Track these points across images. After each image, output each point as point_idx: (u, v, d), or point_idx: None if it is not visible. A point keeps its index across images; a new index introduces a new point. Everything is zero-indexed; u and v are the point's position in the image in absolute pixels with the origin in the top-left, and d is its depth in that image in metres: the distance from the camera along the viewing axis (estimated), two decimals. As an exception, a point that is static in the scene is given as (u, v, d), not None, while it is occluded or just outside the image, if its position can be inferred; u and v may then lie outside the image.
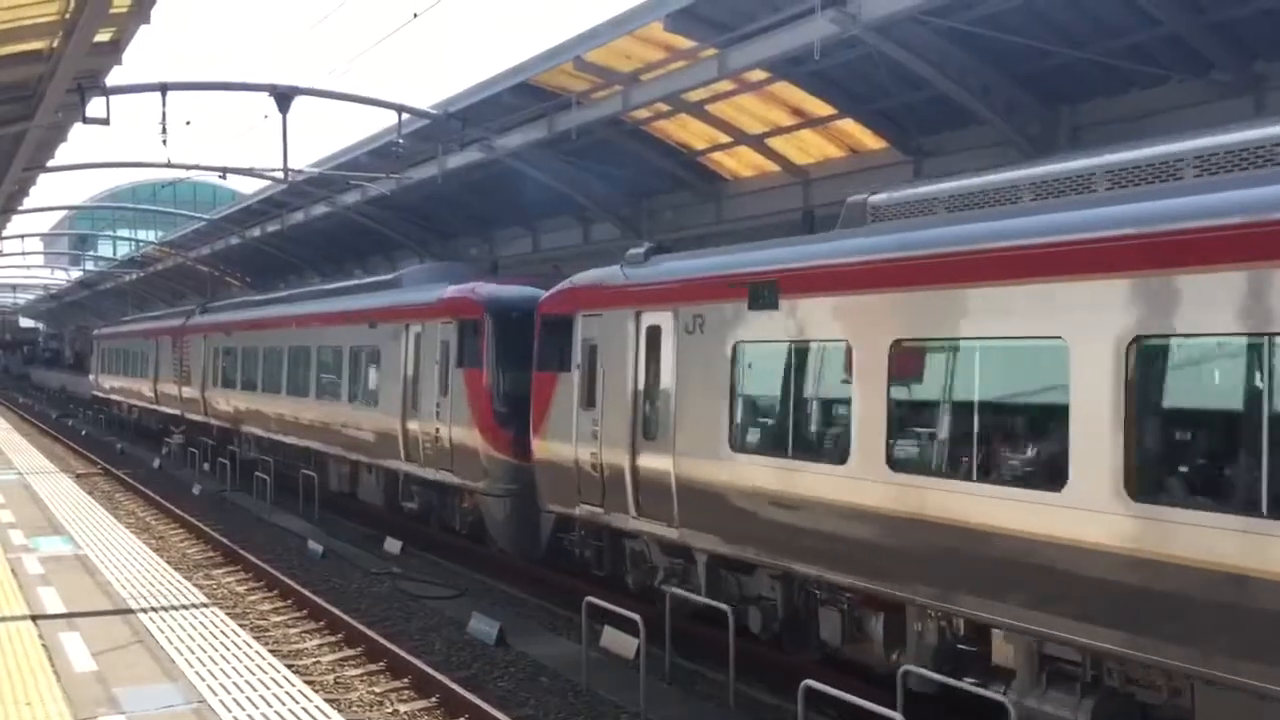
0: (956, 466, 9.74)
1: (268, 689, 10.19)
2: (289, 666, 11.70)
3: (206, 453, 32.14)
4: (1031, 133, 15.78)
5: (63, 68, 13.39)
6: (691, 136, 21.34)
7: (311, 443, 24.72)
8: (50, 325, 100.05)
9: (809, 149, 20.11)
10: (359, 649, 13.87)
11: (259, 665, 10.96)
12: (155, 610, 13.19)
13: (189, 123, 27.55)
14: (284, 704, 9.79)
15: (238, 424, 30.28)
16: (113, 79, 16.84)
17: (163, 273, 54.67)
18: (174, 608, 13.34)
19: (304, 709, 9.70)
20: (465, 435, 18.05)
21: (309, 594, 16.21)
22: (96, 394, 52.75)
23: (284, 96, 20.66)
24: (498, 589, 17.68)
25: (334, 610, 15.16)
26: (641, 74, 18.81)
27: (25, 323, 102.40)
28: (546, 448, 15.89)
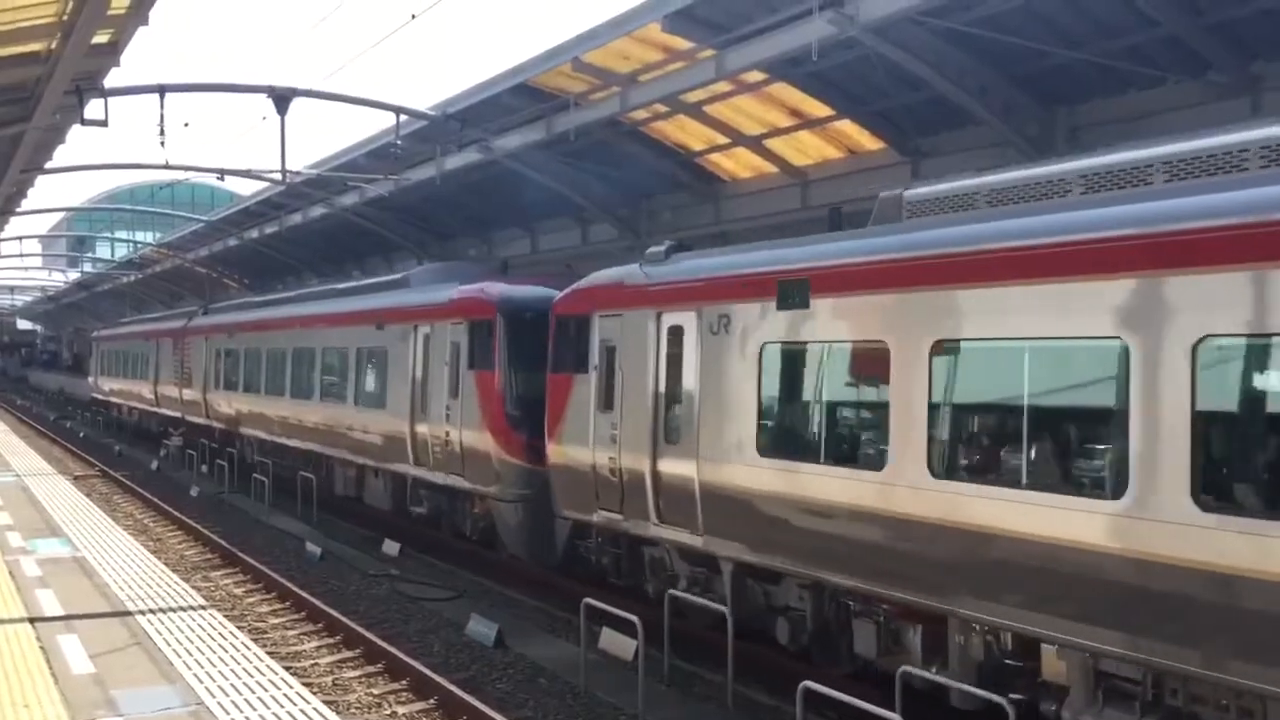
0: (1005, 473, 9.27)
1: (266, 691, 10.19)
2: (287, 668, 11.70)
3: (204, 455, 32.09)
4: (1029, 133, 15.79)
5: (61, 69, 13.40)
6: (690, 137, 21.35)
7: (316, 446, 24.37)
8: (48, 327, 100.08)
9: (807, 150, 20.11)
10: (357, 650, 13.86)
11: (257, 667, 10.96)
12: (153, 612, 13.18)
13: (187, 124, 27.73)
14: (282, 706, 9.78)
15: (240, 427, 29.97)
16: (111, 81, 16.87)
17: (161, 274, 54.67)
18: (172, 610, 13.33)
19: (302, 711, 9.69)
20: (476, 439, 17.61)
21: (307, 596, 16.20)
22: (96, 396, 52.48)
23: (282, 98, 20.67)
24: (496, 590, 17.67)
25: (332, 612, 15.16)
26: (640, 75, 18.81)
27: (23, 324, 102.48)
28: (562, 452, 15.40)
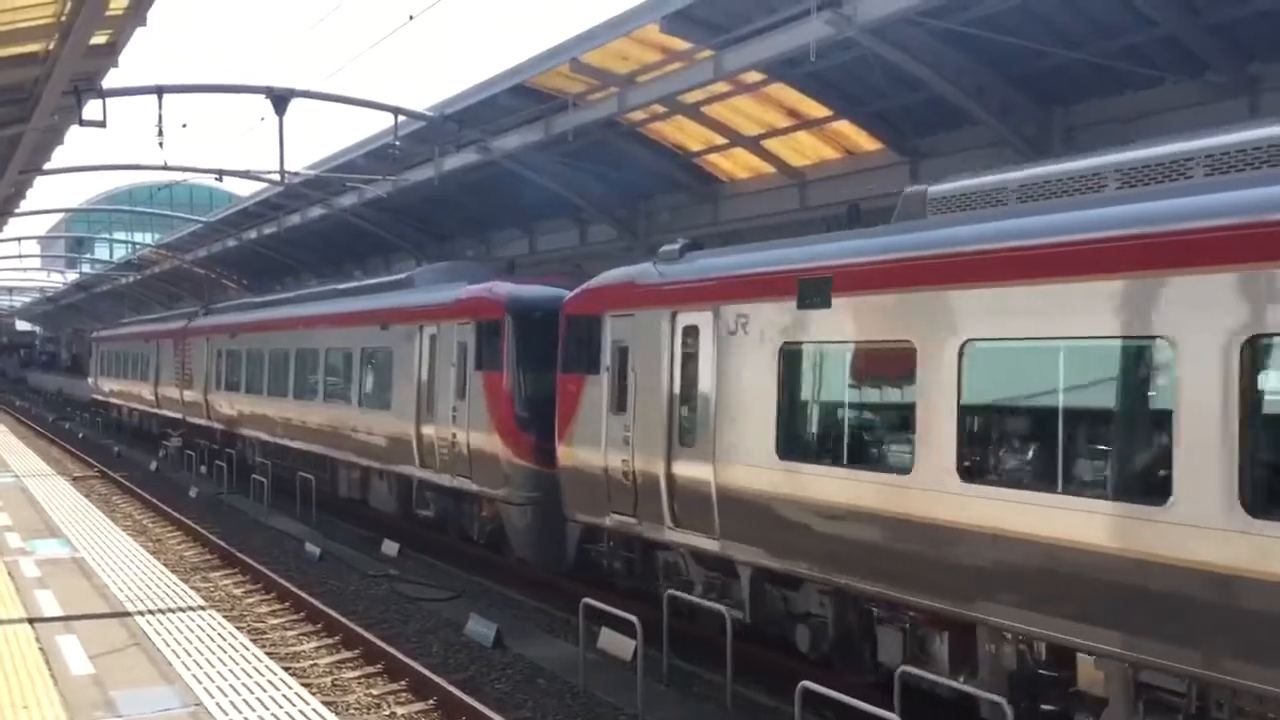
0: (1040, 477, 8.94)
1: (265, 691, 10.19)
2: (286, 669, 11.70)
3: (203, 455, 32.06)
4: (1027, 134, 15.81)
5: (59, 70, 13.39)
6: (688, 138, 21.37)
7: (319, 448, 24.12)
8: (47, 328, 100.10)
9: (805, 150, 20.13)
10: (356, 651, 13.86)
11: (256, 668, 10.96)
12: (152, 613, 13.18)
13: (185, 125, 27.74)
14: (281, 706, 9.79)
15: (242, 428, 29.74)
16: (109, 81, 16.88)
17: (159, 275, 54.68)
18: (171, 610, 13.34)
19: (301, 711, 9.69)
20: (484, 440, 17.30)
21: (306, 596, 16.19)
22: (95, 397, 52.34)
23: (280, 99, 20.69)
24: (495, 591, 17.66)
25: (331, 612, 15.16)
26: (638, 76, 18.83)
27: (22, 325, 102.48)
28: (573, 454, 15.10)
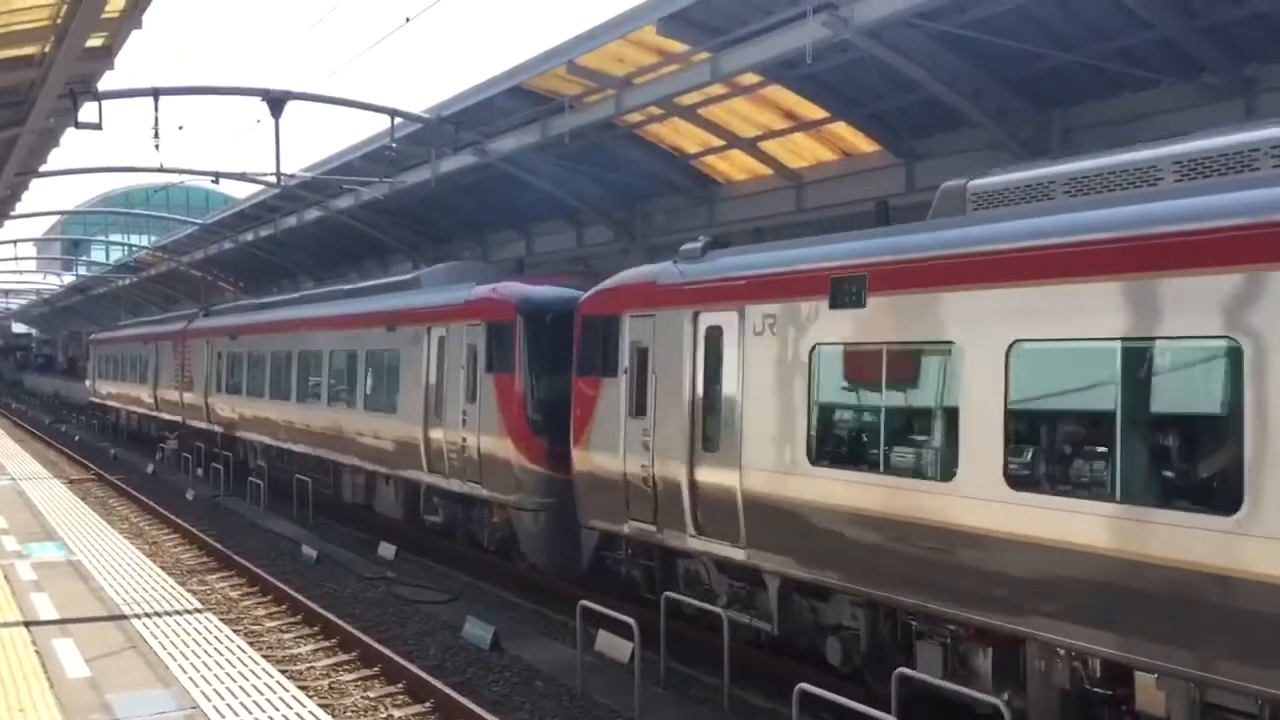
0: (1096, 486, 8.53)
1: (261, 694, 10.19)
2: (283, 672, 11.70)
3: (200, 458, 32.00)
4: (1023, 136, 15.82)
5: (54, 73, 13.38)
6: (684, 140, 21.37)
7: (323, 452, 23.79)
8: (43, 330, 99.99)
9: (801, 152, 20.13)
10: (353, 654, 13.85)
11: (253, 671, 10.95)
12: (148, 616, 13.17)
13: (181, 127, 27.63)
14: (278, 709, 9.78)
15: (244, 431, 29.40)
16: (105, 84, 16.89)
17: (155, 277, 54.64)
18: (167, 613, 13.33)
19: (298, 714, 9.69)
20: (495, 445, 16.94)
21: (303, 599, 16.18)
22: (93, 400, 51.95)
23: (276, 101, 20.67)
24: (492, 593, 17.65)
25: (328, 615, 15.14)
26: (634, 78, 18.83)
27: (18, 328, 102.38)
28: (589, 459, 14.68)
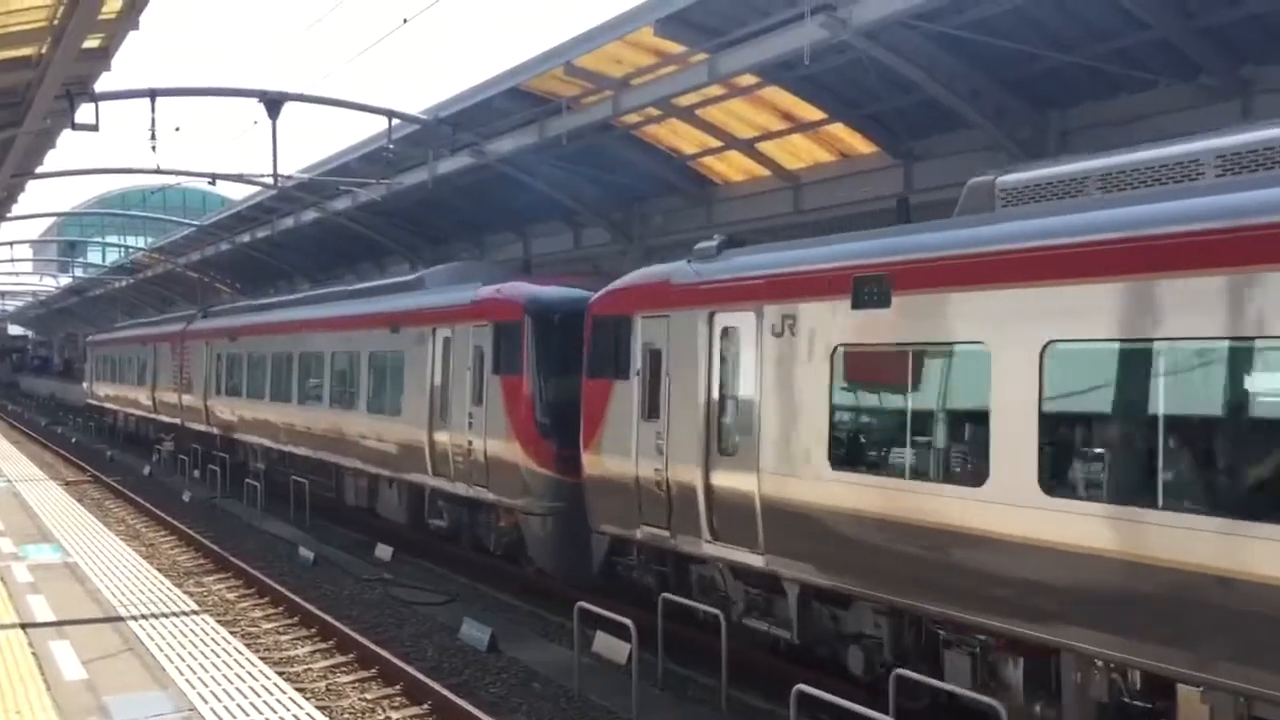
0: (1136, 492, 8.26)
1: (258, 696, 10.17)
2: (280, 674, 11.68)
3: (197, 459, 31.95)
4: (1021, 137, 15.83)
5: (51, 74, 13.37)
6: (682, 141, 21.37)
7: (325, 455, 23.53)
8: (39, 332, 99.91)
9: (799, 153, 20.14)
10: (350, 656, 13.83)
11: (250, 673, 10.94)
12: (145, 618, 13.15)
13: (178, 128, 27.54)
14: (275, 712, 9.76)
15: (243, 434, 29.16)
16: (102, 85, 16.86)
17: (152, 279, 54.60)
18: (164, 615, 13.31)
19: (295, 716, 9.67)
20: (503, 448, 16.66)
21: (300, 601, 16.16)
22: (91, 402, 51.58)
23: (274, 102, 20.67)
24: (489, 595, 17.64)
25: (325, 617, 15.12)
26: (632, 79, 18.83)
27: (14, 330, 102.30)
28: (600, 463, 14.41)
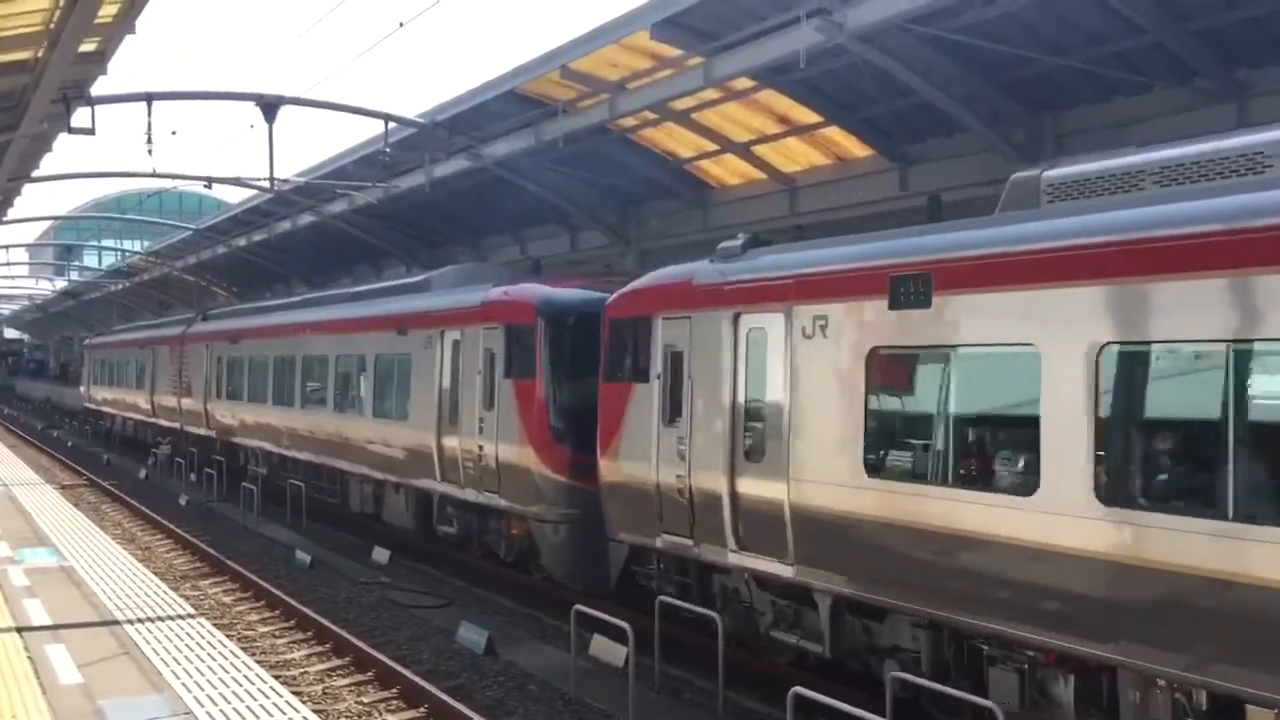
0: (1206, 503, 7.81)
1: (255, 700, 10.15)
2: (276, 677, 11.66)
3: (193, 463, 31.90)
4: (1016, 140, 15.87)
5: (47, 78, 13.38)
6: (678, 144, 21.40)
7: (329, 459, 23.19)
8: (35, 336, 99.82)
9: (795, 157, 20.17)
10: (347, 659, 13.81)
11: (246, 676, 10.92)
12: (141, 621, 13.13)
13: (175, 132, 27.61)
14: (271, 715, 9.75)
15: (245, 438, 28.80)
16: (98, 89, 16.89)
17: (149, 283, 54.58)
18: (160, 619, 13.29)
19: (291, 720, 9.67)
20: (515, 453, 16.23)
21: (296, 604, 16.14)
22: (88, 406, 51.05)
23: (270, 106, 20.69)
24: (486, 598, 17.63)
25: (322, 620, 15.11)
26: (628, 82, 18.87)
27: (10, 333, 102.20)
28: (618, 469, 13.99)
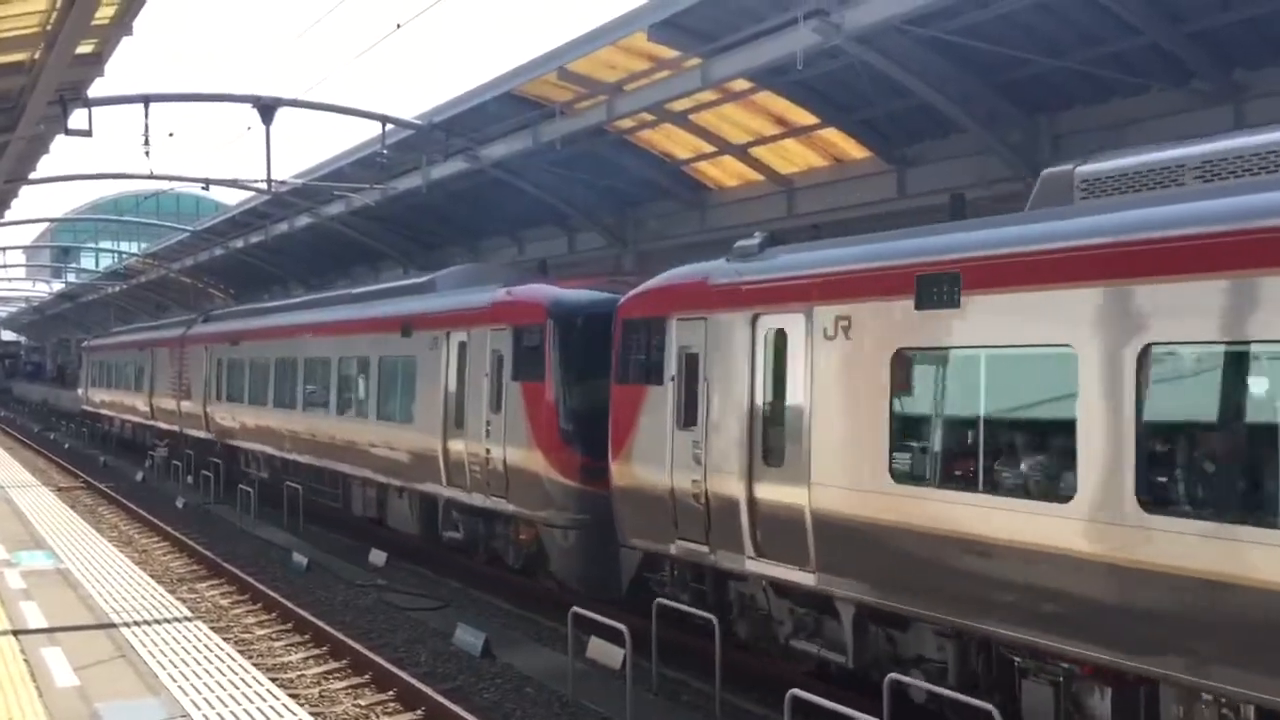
0: (1264, 511, 7.53)
1: (251, 703, 10.14)
2: (273, 680, 11.64)
3: (190, 465, 31.87)
4: (1013, 141, 15.88)
5: (44, 79, 13.35)
6: (676, 146, 21.40)
7: (331, 463, 22.77)
8: (32, 338, 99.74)
9: (793, 158, 20.17)
10: (344, 661, 13.80)
11: (243, 679, 10.90)
12: (138, 624, 13.11)
13: (172, 134, 27.62)
14: (268, 718, 9.73)
15: (245, 441, 28.61)
16: (95, 90, 16.85)
17: (146, 285, 54.54)
18: (157, 621, 13.27)
19: (288, 722, 9.65)
20: (523, 457, 15.97)
21: (293, 606, 16.12)
22: (86, 409, 50.63)
23: (267, 108, 20.68)
24: (483, 600, 17.63)
25: (318, 623, 15.09)
26: (625, 84, 18.87)
27: (7, 335, 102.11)
28: (631, 473, 13.74)
